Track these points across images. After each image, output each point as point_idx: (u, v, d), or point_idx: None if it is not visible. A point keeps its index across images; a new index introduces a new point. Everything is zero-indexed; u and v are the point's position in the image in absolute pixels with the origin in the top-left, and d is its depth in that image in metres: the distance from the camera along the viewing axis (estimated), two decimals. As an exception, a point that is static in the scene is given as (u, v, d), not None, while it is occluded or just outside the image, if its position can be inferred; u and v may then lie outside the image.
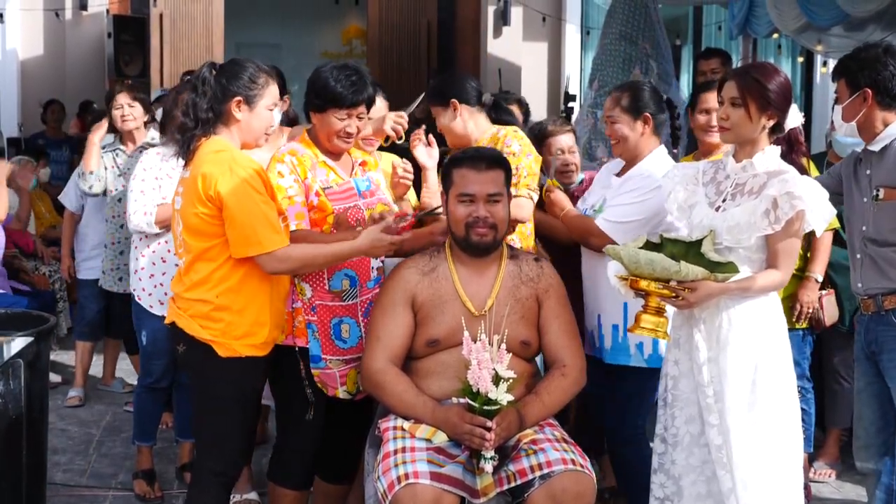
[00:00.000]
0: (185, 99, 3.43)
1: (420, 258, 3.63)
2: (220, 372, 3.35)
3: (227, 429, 3.40)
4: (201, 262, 3.34)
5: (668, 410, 3.44)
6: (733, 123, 3.32)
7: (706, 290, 3.18)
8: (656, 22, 6.71)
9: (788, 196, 3.19)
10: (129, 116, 5.37)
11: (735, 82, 3.31)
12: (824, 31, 9.43)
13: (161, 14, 10.32)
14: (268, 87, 3.41)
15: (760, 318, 3.31)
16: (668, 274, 3.15)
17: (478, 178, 3.48)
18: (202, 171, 3.27)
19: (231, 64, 3.42)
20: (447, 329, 3.48)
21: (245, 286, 3.33)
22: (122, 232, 5.31)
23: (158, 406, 4.84)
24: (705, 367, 3.30)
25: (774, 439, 3.27)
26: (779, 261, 3.28)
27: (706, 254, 3.24)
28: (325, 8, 15.11)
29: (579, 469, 3.24)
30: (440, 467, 3.22)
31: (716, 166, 3.49)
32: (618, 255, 3.23)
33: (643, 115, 3.84)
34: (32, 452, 3.73)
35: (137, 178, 4.61)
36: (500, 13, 10.70)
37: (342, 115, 3.57)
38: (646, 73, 6.50)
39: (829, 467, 4.99)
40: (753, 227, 3.24)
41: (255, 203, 3.25)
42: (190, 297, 3.36)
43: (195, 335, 3.35)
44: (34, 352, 3.74)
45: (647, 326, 3.25)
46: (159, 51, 10.40)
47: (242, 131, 3.40)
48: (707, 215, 3.35)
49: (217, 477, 3.43)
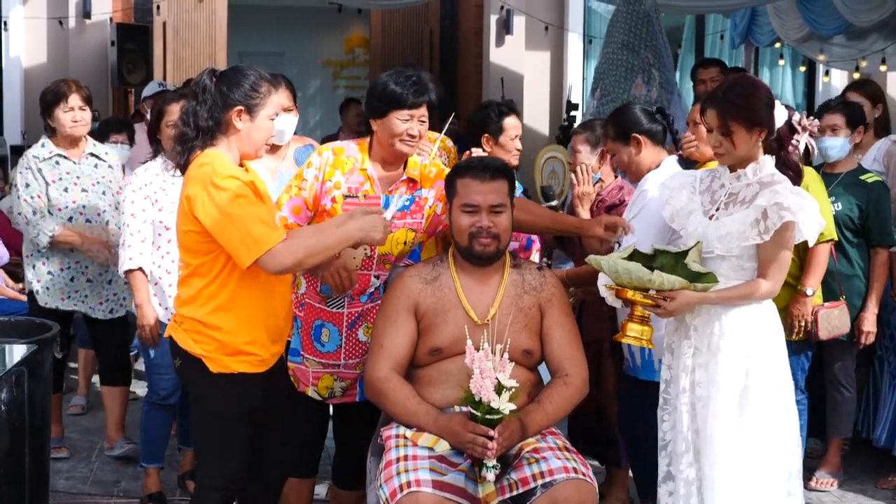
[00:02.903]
0: (184, 107, 3.32)
1: (423, 266, 3.63)
2: (214, 387, 3.26)
3: (223, 444, 3.31)
4: (195, 278, 3.26)
5: (660, 415, 3.52)
6: (728, 150, 3.36)
7: (684, 299, 3.28)
8: (658, 31, 6.72)
9: (777, 207, 3.24)
10: (81, 120, 4.89)
11: (716, 112, 3.33)
12: (826, 40, 9.46)
13: (164, 22, 10.34)
14: (270, 96, 3.27)
15: (754, 326, 3.37)
16: (643, 283, 3.27)
17: (481, 188, 3.49)
18: (186, 192, 3.19)
19: (232, 71, 3.28)
20: (450, 338, 3.48)
21: (236, 304, 3.21)
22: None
23: (168, 425, 4.66)
24: (695, 372, 3.37)
25: (763, 448, 3.32)
26: (767, 270, 3.33)
27: (688, 264, 3.32)
28: (328, 16, 15.10)
29: (581, 477, 3.24)
30: (442, 475, 3.22)
31: (712, 175, 3.53)
32: (599, 265, 3.34)
33: (632, 137, 3.94)
34: (35, 459, 3.73)
35: (127, 214, 4.38)
36: (502, 22, 10.72)
37: (405, 115, 3.52)
38: (648, 82, 6.51)
39: (831, 477, 4.98)
40: (742, 237, 3.30)
41: (241, 207, 3.10)
42: (183, 312, 3.29)
43: (189, 350, 3.26)
44: (37, 359, 3.74)
45: (631, 335, 3.38)
46: (162, 59, 10.42)
47: (242, 142, 3.26)
48: (701, 223, 3.41)
49: (214, 492, 3.34)
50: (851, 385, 4.99)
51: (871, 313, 4.84)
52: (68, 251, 4.82)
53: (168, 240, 4.35)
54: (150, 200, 4.39)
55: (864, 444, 5.43)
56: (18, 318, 4.47)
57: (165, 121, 4.44)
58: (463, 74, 12.27)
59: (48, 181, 4.80)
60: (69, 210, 4.81)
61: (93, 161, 4.97)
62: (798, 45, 9.88)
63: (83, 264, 4.88)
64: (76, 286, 4.90)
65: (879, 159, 5.26)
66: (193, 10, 10.61)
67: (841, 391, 4.98)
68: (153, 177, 4.43)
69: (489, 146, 4.46)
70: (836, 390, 4.98)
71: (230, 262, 3.18)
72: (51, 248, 4.79)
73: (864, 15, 8.19)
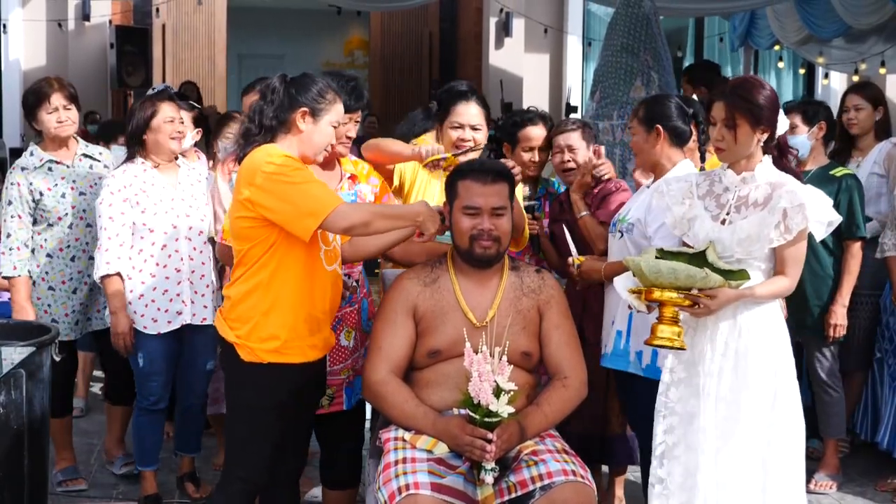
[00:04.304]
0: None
1: (422, 269, 3.63)
2: (244, 376, 3.35)
3: (252, 434, 3.38)
4: (240, 267, 3.37)
5: (657, 419, 3.50)
6: (729, 144, 3.37)
7: (725, 297, 3.24)
8: (658, 34, 6.71)
9: (800, 208, 3.26)
10: (66, 120, 4.59)
11: (724, 103, 3.35)
12: (826, 43, 9.48)
13: (163, 25, 10.37)
14: (335, 104, 3.41)
15: (772, 326, 3.38)
16: (693, 282, 3.20)
17: (483, 190, 3.49)
18: (239, 178, 3.34)
19: (302, 77, 3.43)
20: (448, 340, 3.48)
21: (272, 288, 3.30)
22: (74, 265, 4.64)
23: (160, 428, 4.62)
24: (722, 376, 3.34)
25: (785, 446, 3.34)
26: (787, 267, 3.35)
27: (714, 263, 3.28)
28: (328, 19, 15.12)
29: (580, 480, 3.24)
30: (441, 478, 3.22)
31: (710, 178, 3.51)
32: (637, 266, 3.25)
33: (655, 127, 3.85)
34: (34, 462, 3.72)
35: (105, 217, 4.29)
36: (501, 24, 10.74)
37: (345, 118, 3.63)
38: (647, 84, 6.50)
39: (830, 479, 4.98)
40: (765, 239, 3.29)
41: (300, 176, 3.24)
42: (225, 292, 3.46)
43: (224, 336, 3.39)
44: (35, 362, 3.73)
45: (664, 336, 3.26)
46: (161, 61, 10.44)
47: (303, 143, 3.38)
48: (713, 228, 3.38)
49: (241, 482, 3.40)
50: (838, 385, 4.97)
51: (839, 306, 4.82)
52: (69, 260, 4.60)
53: (152, 242, 4.34)
54: (130, 203, 4.33)
55: (864, 446, 5.43)
56: (17, 321, 4.44)
57: (161, 118, 4.42)
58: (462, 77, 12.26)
59: (42, 191, 4.52)
60: (69, 217, 4.57)
61: (87, 162, 4.72)
62: (797, 47, 9.90)
63: (85, 273, 4.62)
64: (80, 297, 4.66)
65: (880, 162, 5.25)
66: (193, 12, 10.63)
67: (828, 392, 4.96)
68: (132, 178, 4.37)
69: (509, 154, 4.51)
70: (824, 392, 4.96)
71: (271, 248, 3.28)
72: (49, 258, 4.57)
73: (863, 18, 8.21)
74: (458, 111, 4.05)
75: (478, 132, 4.03)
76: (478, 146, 4.04)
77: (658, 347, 3.36)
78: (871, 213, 5.21)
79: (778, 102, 3.42)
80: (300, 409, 3.50)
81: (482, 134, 4.05)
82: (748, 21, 10.28)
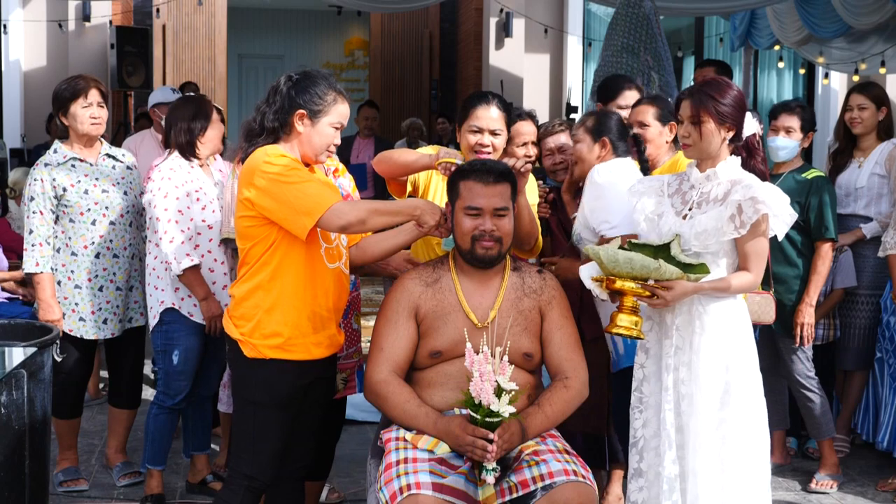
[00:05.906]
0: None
1: (423, 269, 3.64)
2: (248, 372, 3.39)
3: (256, 432, 3.40)
4: (244, 266, 3.42)
5: (632, 413, 3.58)
6: (694, 141, 3.46)
7: (682, 289, 3.32)
8: (658, 34, 6.72)
9: (752, 201, 3.34)
10: (99, 118, 4.61)
11: (690, 102, 3.45)
12: (826, 42, 9.47)
13: (164, 25, 10.37)
14: (335, 105, 3.41)
15: (731, 322, 3.45)
16: (647, 272, 3.28)
17: (485, 191, 3.49)
18: (239, 178, 3.38)
19: (304, 76, 3.43)
20: (450, 340, 3.49)
21: (275, 285, 3.33)
22: (100, 262, 4.63)
23: (172, 428, 4.62)
24: (678, 371, 3.43)
25: (744, 440, 3.40)
26: (749, 262, 3.43)
27: (676, 256, 3.36)
28: (328, 19, 15.15)
29: (581, 480, 3.24)
30: (442, 478, 3.22)
31: (680, 178, 3.62)
32: (597, 255, 3.34)
33: (602, 139, 4.07)
34: (35, 462, 3.73)
35: (160, 208, 4.39)
36: (502, 25, 10.74)
37: None
38: (647, 84, 6.50)
39: (831, 479, 4.98)
40: (720, 232, 3.38)
41: (296, 175, 3.28)
42: (230, 292, 3.49)
43: (230, 333, 3.42)
44: (36, 362, 3.74)
45: (623, 325, 3.37)
46: (162, 62, 10.44)
47: (303, 145, 3.41)
48: (675, 223, 3.47)
49: (246, 480, 3.41)
50: (815, 386, 4.95)
51: (806, 305, 4.83)
52: (93, 257, 4.57)
53: (209, 238, 4.49)
54: (192, 199, 4.46)
55: (864, 446, 5.44)
56: (18, 321, 4.45)
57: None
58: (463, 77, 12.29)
59: (65, 186, 4.51)
60: (92, 213, 4.55)
61: (110, 162, 4.70)
62: (797, 47, 9.90)
63: (111, 271, 4.63)
64: (106, 295, 4.63)
65: (881, 162, 5.26)
66: (193, 12, 10.63)
67: (806, 394, 4.94)
68: (186, 175, 4.49)
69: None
70: (802, 395, 4.96)
71: (272, 246, 3.32)
72: (74, 256, 4.57)
73: (863, 17, 8.21)
74: (478, 114, 3.96)
75: (497, 137, 3.96)
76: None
77: (616, 336, 3.48)
78: (873, 213, 5.22)
79: (745, 103, 3.51)
80: (305, 408, 3.50)
81: (501, 139, 3.98)
82: (748, 21, 10.28)
